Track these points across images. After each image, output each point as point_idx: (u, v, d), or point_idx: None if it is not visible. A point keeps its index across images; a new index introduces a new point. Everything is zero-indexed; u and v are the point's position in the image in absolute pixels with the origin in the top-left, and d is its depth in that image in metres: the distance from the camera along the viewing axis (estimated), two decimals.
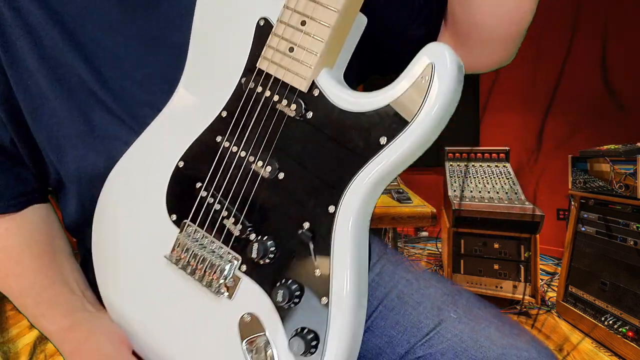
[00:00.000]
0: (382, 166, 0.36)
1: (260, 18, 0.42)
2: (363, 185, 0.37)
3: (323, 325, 0.36)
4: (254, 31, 0.42)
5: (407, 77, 0.36)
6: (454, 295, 0.59)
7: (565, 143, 2.55)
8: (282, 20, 0.40)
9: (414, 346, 0.55)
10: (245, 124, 0.42)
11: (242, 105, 0.42)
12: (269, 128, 0.41)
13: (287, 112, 0.40)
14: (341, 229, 0.37)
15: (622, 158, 1.48)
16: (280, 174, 0.40)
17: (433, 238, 2.91)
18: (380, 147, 0.36)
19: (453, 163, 2.12)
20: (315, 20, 0.38)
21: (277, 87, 0.40)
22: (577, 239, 1.72)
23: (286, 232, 0.39)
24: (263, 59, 0.41)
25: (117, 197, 0.48)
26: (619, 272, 1.52)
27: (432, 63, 0.35)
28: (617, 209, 1.53)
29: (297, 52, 0.39)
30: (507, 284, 1.83)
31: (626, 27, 2.34)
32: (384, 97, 0.37)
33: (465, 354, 0.52)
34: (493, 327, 0.54)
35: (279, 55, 0.40)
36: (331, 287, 0.36)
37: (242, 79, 0.42)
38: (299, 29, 0.39)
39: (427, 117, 0.35)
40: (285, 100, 0.40)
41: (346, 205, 0.37)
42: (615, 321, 1.50)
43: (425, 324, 0.56)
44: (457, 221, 1.82)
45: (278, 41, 0.40)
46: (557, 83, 2.59)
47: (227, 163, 0.42)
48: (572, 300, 1.73)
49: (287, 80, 0.40)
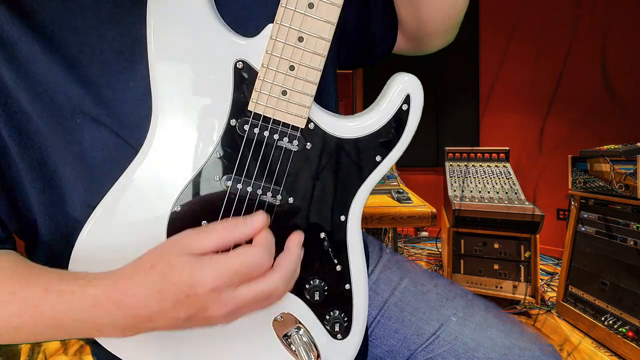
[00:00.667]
0: (376, 176, 0.47)
1: (237, 60, 0.41)
2: (363, 193, 0.47)
3: (349, 304, 0.48)
4: (232, 74, 0.41)
5: (390, 105, 0.46)
6: (454, 298, 0.58)
7: (565, 143, 2.55)
8: (268, 66, 0.41)
9: (415, 352, 0.55)
10: (244, 162, 0.42)
11: (240, 146, 0.42)
12: (272, 162, 0.43)
13: (290, 147, 0.43)
14: (352, 230, 0.47)
15: (622, 158, 1.48)
16: (290, 199, 0.44)
17: (433, 238, 2.91)
18: (377, 164, 0.46)
19: (453, 163, 2.12)
20: (304, 65, 0.41)
21: (276, 127, 0.43)
22: (577, 239, 1.72)
23: (305, 244, 0.44)
24: (256, 103, 0.42)
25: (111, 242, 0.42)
26: (619, 272, 1.52)
27: (409, 94, 0.46)
28: (617, 209, 1.53)
29: (292, 95, 0.42)
30: (507, 284, 1.82)
31: (626, 27, 2.34)
32: (373, 122, 0.46)
33: (467, 355, 0.52)
34: (494, 327, 0.54)
35: (273, 100, 0.42)
36: (351, 275, 0.47)
37: (230, 120, 0.42)
38: (289, 74, 0.41)
39: (409, 133, 0.46)
40: (286, 138, 0.43)
41: (353, 212, 0.47)
42: (615, 321, 1.50)
43: (425, 329, 0.55)
44: (457, 221, 1.82)
45: (270, 86, 0.41)
46: (557, 83, 2.59)
47: (232, 200, 0.43)
48: (572, 300, 1.73)
49: (288, 121, 0.43)
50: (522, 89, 2.72)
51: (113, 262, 0.38)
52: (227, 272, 0.36)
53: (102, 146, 0.42)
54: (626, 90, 2.38)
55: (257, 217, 0.39)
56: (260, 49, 0.41)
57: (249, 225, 0.38)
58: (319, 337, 0.47)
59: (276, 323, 0.46)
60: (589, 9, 2.45)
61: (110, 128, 0.42)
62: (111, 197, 0.41)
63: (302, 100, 0.42)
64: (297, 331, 0.46)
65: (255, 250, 0.37)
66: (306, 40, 0.40)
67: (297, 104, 0.42)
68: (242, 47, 0.41)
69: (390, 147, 0.46)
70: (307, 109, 0.42)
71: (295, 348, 0.46)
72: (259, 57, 0.41)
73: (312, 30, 0.40)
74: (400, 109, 0.45)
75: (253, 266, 0.37)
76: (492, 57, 2.80)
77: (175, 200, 0.42)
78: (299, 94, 0.42)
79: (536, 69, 2.64)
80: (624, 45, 2.36)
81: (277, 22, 0.39)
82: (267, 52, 0.40)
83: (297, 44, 0.40)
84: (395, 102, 0.45)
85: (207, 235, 0.37)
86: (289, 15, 0.39)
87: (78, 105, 0.41)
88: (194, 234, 0.38)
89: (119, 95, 0.42)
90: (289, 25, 0.39)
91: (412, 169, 2.98)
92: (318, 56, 0.41)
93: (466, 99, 2.90)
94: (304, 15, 0.39)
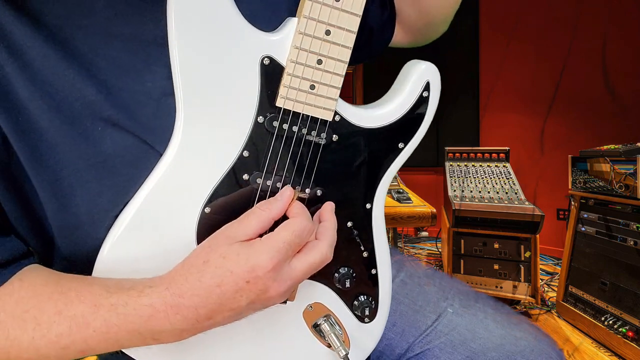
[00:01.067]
0: (399, 162, 0.49)
1: (263, 57, 0.41)
2: (386, 180, 0.49)
3: (376, 288, 0.50)
4: (258, 70, 0.41)
5: (411, 92, 0.48)
6: (450, 290, 0.59)
7: (565, 143, 2.55)
8: (297, 60, 0.41)
9: (412, 345, 0.55)
10: (274, 158, 0.43)
11: (269, 143, 0.42)
12: (301, 157, 0.44)
13: (318, 141, 0.44)
14: (376, 217, 0.49)
15: (622, 158, 1.48)
16: (318, 191, 0.45)
17: (433, 238, 2.91)
18: (400, 150, 0.49)
19: (453, 163, 2.12)
20: (332, 58, 0.42)
21: (305, 122, 0.43)
22: (577, 239, 1.72)
23: None
24: (285, 99, 0.42)
25: (138, 251, 0.41)
26: (619, 272, 1.52)
27: (429, 81, 0.48)
28: (617, 209, 1.53)
29: (320, 89, 0.42)
30: (507, 284, 1.82)
31: (626, 28, 2.34)
32: (395, 110, 0.47)
33: (463, 346, 0.52)
34: (491, 318, 0.55)
35: (302, 94, 0.42)
36: (377, 260, 0.50)
37: (258, 117, 0.41)
38: (317, 68, 0.42)
39: (429, 119, 0.49)
40: (314, 132, 0.44)
41: (377, 199, 0.49)
42: (615, 321, 1.50)
43: (422, 322, 0.56)
44: (457, 221, 1.81)
45: (299, 81, 0.41)
46: (557, 83, 2.59)
47: (262, 197, 0.43)
48: (572, 300, 1.73)
49: (316, 114, 0.43)
50: (522, 88, 2.72)
51: (140, 272, 0.38)
52: (281, 247, 0.36)
53: (126, 152, 0.40)
54: (626, 90, 2.38)
55: (284, 191, 0.42)
56: (286, 44, 0.41)
57: (279, 200, 0.40)
58: (348, 322, 0.49)
59: (306, 313, 0.48)
60: (589, 9, 2.45)
61: (132, 132, 0.40)
62: (136, 203, 0.40)
63: (330, 93, 0.43)
64: (325, 319, 0.48)
65: (297, 220, 0.39)
66: (333, 33, 0.41)
67: (325, 97, 0.43)
68: (267, 43, 0.41)
69: (412, 133, 0.48)
70: (334, 102, 0.43)
71: (327, 336, 0.47)
72: (285, 52, 0.41)
73: (339, 23, 0.41)
74: (421, 96, 0.48)
75: (301, 234, 0.38)
76: (492, 57, 2.80)
77: (204, 202, 0.41)
78: (327, 87, 0.42)
79: (536, 69, 2.64)
80: (624, 45, 2.36)
81: (305, 16, 0.39)
82: (295, 47, 0.40)
83: (324, 37, 0.41)
84: (416, 89, 0.47)
85: (247, 221, 0.38)
86: (316, 8, 0.40)
87: (97, 111, 0.39)
88: (235, 223, 0.39)
89: (138, 97, 0.41)
90: (317, 18, 0.40)
91: (412, 169, 2.98)
92: (345, 48, 0.42)
93: (466, 99, 2.90)
94: (331, 9, 0.40)
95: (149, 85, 0.41)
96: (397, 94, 0.48)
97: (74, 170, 0.39)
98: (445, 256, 2.08)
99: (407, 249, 2.79)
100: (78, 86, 0.39)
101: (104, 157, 0.40)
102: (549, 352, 0.51)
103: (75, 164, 0.39)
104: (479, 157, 2.12)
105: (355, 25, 0.41)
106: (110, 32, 0.41)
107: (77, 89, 0.39)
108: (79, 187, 0.40)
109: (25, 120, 0.38)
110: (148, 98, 0.41)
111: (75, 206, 0.40)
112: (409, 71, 0.48)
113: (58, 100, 0.38)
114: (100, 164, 0.40)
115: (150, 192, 0.40)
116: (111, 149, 0.40)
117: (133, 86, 0.41)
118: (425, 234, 3.09)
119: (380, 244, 0.50)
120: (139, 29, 0.42)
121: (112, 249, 0.39)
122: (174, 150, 0.40)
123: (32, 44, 0.37)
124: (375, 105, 0.48)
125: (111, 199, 0.40)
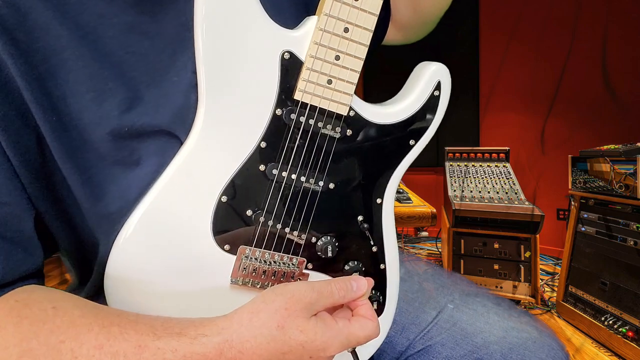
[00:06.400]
0: (410, 159, 0.51)
1: (284, 51, 0.43)
2: (397, 176, 0.51)
3: (384, 282, 0.51)
4: (279, 64, 0.43)
5: (423, 91, 0.49)
6: (450, 286, 0.59)
7: (565, 143, 2.55)
8: (316, 56, 0.43)
9: (413, 341, 0.55)
10: (290, 150, 0.44)
11: (285, 135, 0.44)
12: (316, 150, 0.45)
13: (333, 134, 0.46)
14: (386, 212, 0.51)
15: (622, 158, 1.48)
16: (330, 185, 0.47)
17: (433, 238, 2.91)
18: (411, 147, 0.50)
19: (453, 163, 2.12)
20: (350, 55, 0.44)
21: (322, 116, 0.45)
22: (577, 239, 1.72)
23: (344, 227, 0.48)
24: (303, 92, 0.43)
25: (154, 241, 0.42)
26: (619, 272, 1.52)
27: (440, 81, 0.50)
28: (617, 209, 1.53)
29: (337, 84, 0.44)
30: (507, 284, 1.83)
31: (626, 28, 2.34)
32: (408, 108, 0.49)
33: (465, 341, 0.52)
34: (492, 311, 0.55)
35: (319, 89, 0.44)
36: (386, 255, 0.51)
37: (276, 110, 0.43)
38: (335, 64, 0.44)
39: (440, 117, 0.50)
40: (329, 126, 0.45)
41: (387, 194, 0.50)
42: (615, 321, 1.50)
43: (423, 318, 0.56)
44: (457, 221, 1.81)
45: (317, 76, 0.43)
46: (557, 83, 2.59)
47: (278, 187, 0.45)
48: (572, 300, 1.73)
49: (332, 109, 0.45)
50: (522, 89, 2.72)
51: (154, 263, 0.41)
52: (351, 343, 0.39)
53: (157, 148, 0.42)
54: (626, 90, 2.38)
55: (361, 283, 0.42)
56: (306, 40, 0.43)
57: (356, 292, 0.42)
58: None
59: None
60: (589, 9, 2.45)
61: (163, 128, 0.42)
62: (153, 192, 0.41)
63: (346, 89, 0.44)
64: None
65: (374, 326, 0.41)
66: (351, 30, 0.43)
67: (341, 92, 0.44)
68: (288, 39, 0.43)
69: (423, 130, 0.50)
70: (350, 97, 0.45)
71: None
72: (304, 47, 0.43)
73: (357, 21, 0.43)
74: (432, 95, 0.50)
75: (369, 339, 0.40)
76: (492, 57, 2.80)
77: (221, 191, 0.43)
78: (343, 83, 0.44)
79: (536, 69, 2.64)
80: (624, 45, 2.36)
81: (326, 13, 0.42)
82: (315, 43, 0.42)
83: (343, 35, 0.43)
84: (427, 88, 0.50)
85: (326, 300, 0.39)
86: (337, 7, 0.42)
87: (127, 107, 0.40)
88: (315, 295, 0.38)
89: (167, 92, 0.42)
90: (337, 16, 0.42)
91: (412, 169, 2.94)
92: (362, 46, 0.44)
93: (466, 99, 2.90)
94: (350, 7, 0.42)
95: (175, 79, 0.43)
96: (409, 93, 0.50)
97: (104, 165, 0.41)
98: (445, 256, 2.08)
99: (407, 249, 2.79)
100: (111, 85, 0.40)
101: (139, 156, 0.41)
102: (551, 344, 0.51)
103: (104, 159, 0.41)
104: (479, 157, 2.12)
105: (372, 24, 0.43)
106: (139, 30, 0.42)
107: (109, 87, 0.40)
108: (109, 183, 0.41)
109: (62, 118, 0.39)
110: (175, 92, 0.43)
111: (104, 205, 0.41)
112: (420, 71, 0.50)
113: (89, 98, 0.39)
114: (126, 157, 0.41)
115: (170, 179, 0.41)
116: (145, 147, 0.42)
117: (161, 83, 0.42)
118: (425, 234, 3.09)
119: (390, 240, 0.51)
120: (162, 25, 0.43)
121: (129, 238, 0.40)
122: (194, 139, 0.42)
123: (67, 44, 0.38)
124: (388, 103, 0.50)
125: (138, 193, 0.41)
